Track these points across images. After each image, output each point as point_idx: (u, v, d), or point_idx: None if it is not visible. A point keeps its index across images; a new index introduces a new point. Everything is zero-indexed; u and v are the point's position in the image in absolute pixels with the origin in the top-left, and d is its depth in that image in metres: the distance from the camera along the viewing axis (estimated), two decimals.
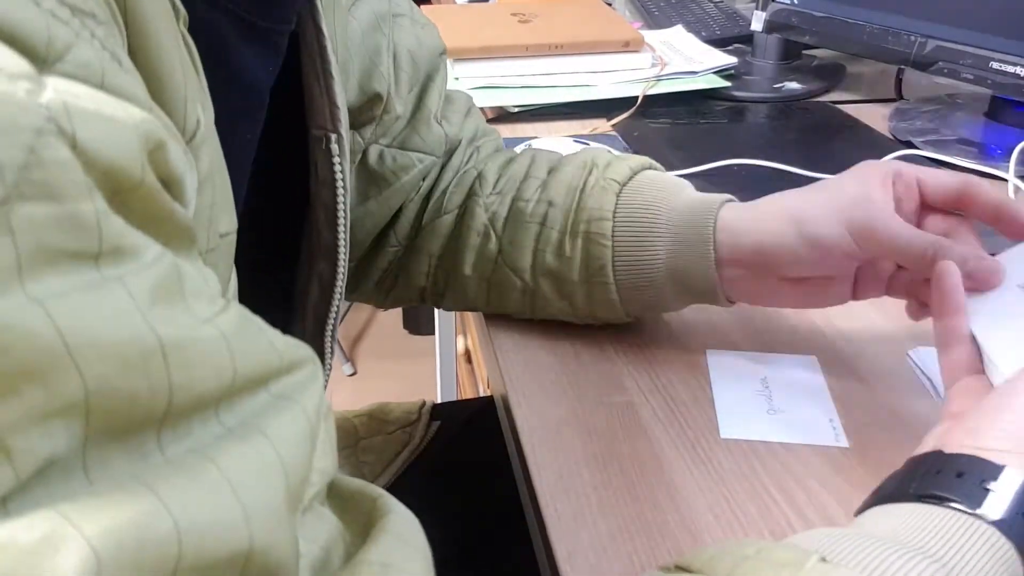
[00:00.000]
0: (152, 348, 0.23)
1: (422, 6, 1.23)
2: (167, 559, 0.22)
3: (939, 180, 0.52)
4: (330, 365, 0.56)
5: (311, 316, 0.54)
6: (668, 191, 0.56)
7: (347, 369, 2.23)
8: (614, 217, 0.56)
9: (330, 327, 0.54)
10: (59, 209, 0.21)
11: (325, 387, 0.53)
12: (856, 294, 0.55)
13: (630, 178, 0.58)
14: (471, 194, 0.61)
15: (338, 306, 0.53)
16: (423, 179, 0.62)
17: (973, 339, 0.44)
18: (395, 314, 2.37)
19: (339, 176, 0.49)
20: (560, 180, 0.58)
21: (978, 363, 0.43)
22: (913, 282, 0.53)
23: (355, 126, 0.57)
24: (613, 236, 0.55)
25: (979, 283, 0.47)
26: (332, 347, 0.55)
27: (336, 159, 0.48)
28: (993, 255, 0.48)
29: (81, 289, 0.22)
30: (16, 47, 0.21)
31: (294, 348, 0.30)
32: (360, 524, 0.31)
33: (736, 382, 0.56)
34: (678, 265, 0.55)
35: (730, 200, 0.56)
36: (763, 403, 0.54)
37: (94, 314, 0.22)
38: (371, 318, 2.43)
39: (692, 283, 0.55)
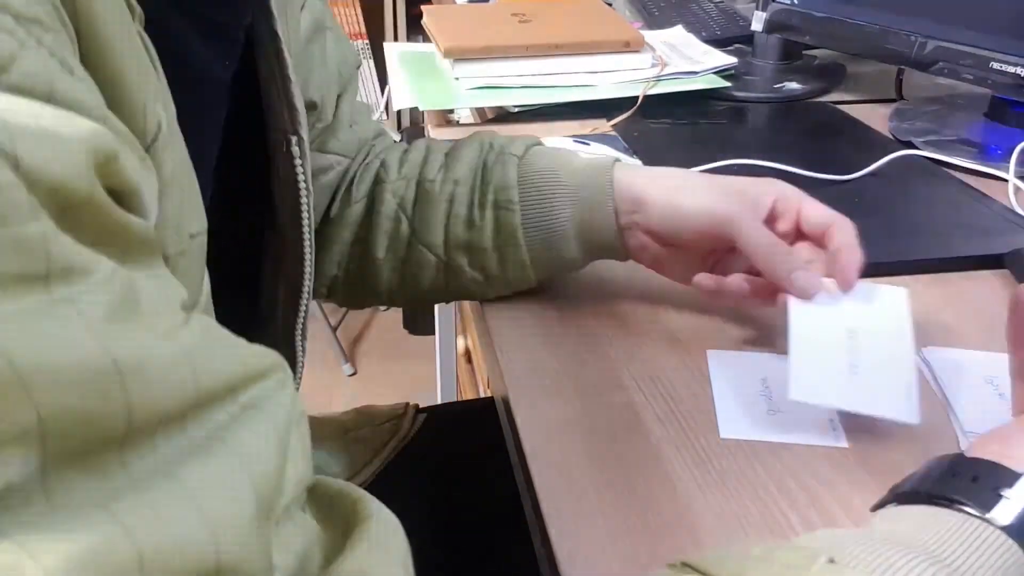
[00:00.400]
0: (106, 369, 0.22)
1: (423, 6, 1.23)
2: None
3: (815, 211, 0.57)
4: (303, 365, 0.57)
5: (280, 318, 0.55)
6: (563, 157, 0.61)
7: (347, 369, 2.23)
8: (518, 184, 0.60)
9: (299, 328, 0.55)
10: (3, 232, 0.21)
11: (297, 389, 0.54)
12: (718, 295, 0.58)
13: (526, 151, 0.62)
14: (377, 181, 0.64)
15: (306, 306, 0.54)
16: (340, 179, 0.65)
17: None
18: (395, 314, 2.38)
19: (300, 176, 0.49)
20: (461, 160, 0.62)
21: None
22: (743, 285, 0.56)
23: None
24: (520, 202, 0.59)
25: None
26: (304, 347, 0.56)
27: (297, 160, 0.49)
28: None
29: (30, 312, 0.21)
30: None
31: (261, 356, 0.29)
32: (341, 527, 0.31)
33: (736, 382, 0.56)
34: (582, 218, 0.59)
35: (618, 159, 0.61)
36: (763, 403, 0.54)
37: (44, 338, 0.21)
38: (371, 318, 2.43)
39: (596, 234, 0.59)
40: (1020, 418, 0.39)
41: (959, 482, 0.36)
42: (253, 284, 0.55)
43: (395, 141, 0.71)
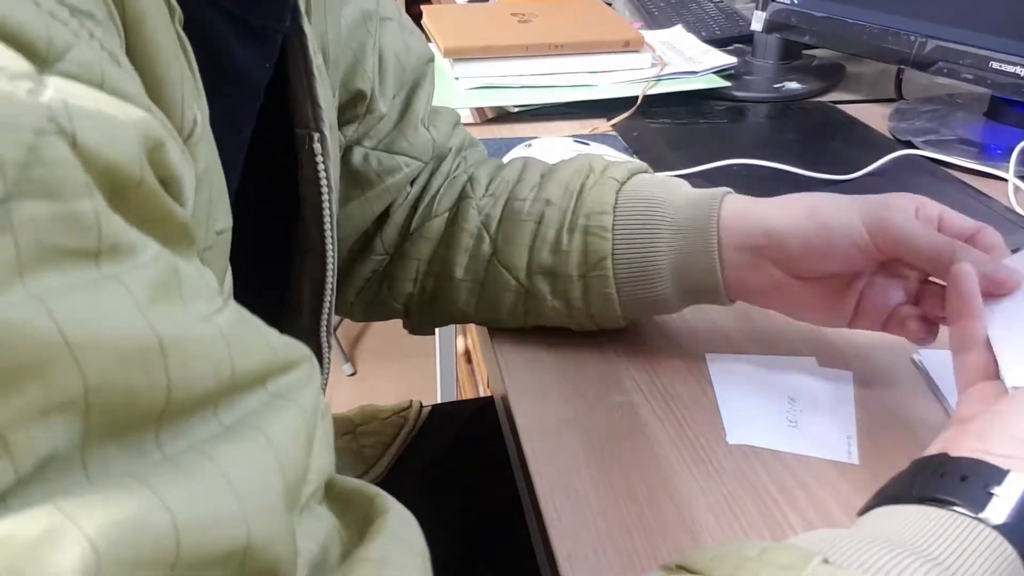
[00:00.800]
0: (150, 345, 0.23)
1: (423, 6, 1.23)
2: (165, 555, 0.22)
3: (957, 217, 0.51)
4: (328, 360, 0.56)
5: (306, 313, 0.54)
6: (667, 187, 0.57)
7: (347, 369, 2.23)
8: (614, 211, 0.55)
9: (324, 323, 0.54)
10: (59, 207, 0.21)
11: (325, 385, 0.54)
12: (855, 320, 0.54)
13: (628, 178, 0.58)
14: (463, 196, 0.61)
15: (331, 302, 0.53)
16: (411, 184, 0.62)
17: (988, 344, 0.44)
18: None
19: (322, 174, 0.49)
20: (557, 180, 0.59)
21: (992, 368, 0.43)
22: (911, 318, 0.52)
23: (339, 124, 0.58)
24: (613, 229, 0.55)
25: (996, 286, 0.46)
26: (329, 343, 0.55)
27: (319, 158, 0.48)
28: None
29: (81, 287, 0.22)
30: (17, 47, 0.21)
31: (291, 347, 0.30)
32: (358, 523, 0.31)
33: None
34: (680, 258, 0.54)
35: (729, 192, 0.55)
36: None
37: (93, 311, 0.22)
38: None
39: (694, 277, 0.54)
40: (990, 411, 0.39)
41: (948, 482, 0.36)
42: (283, 279, 0.55)
43: (486, 153, 0.68)
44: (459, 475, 0.76)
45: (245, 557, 0.24)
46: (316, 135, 0.48)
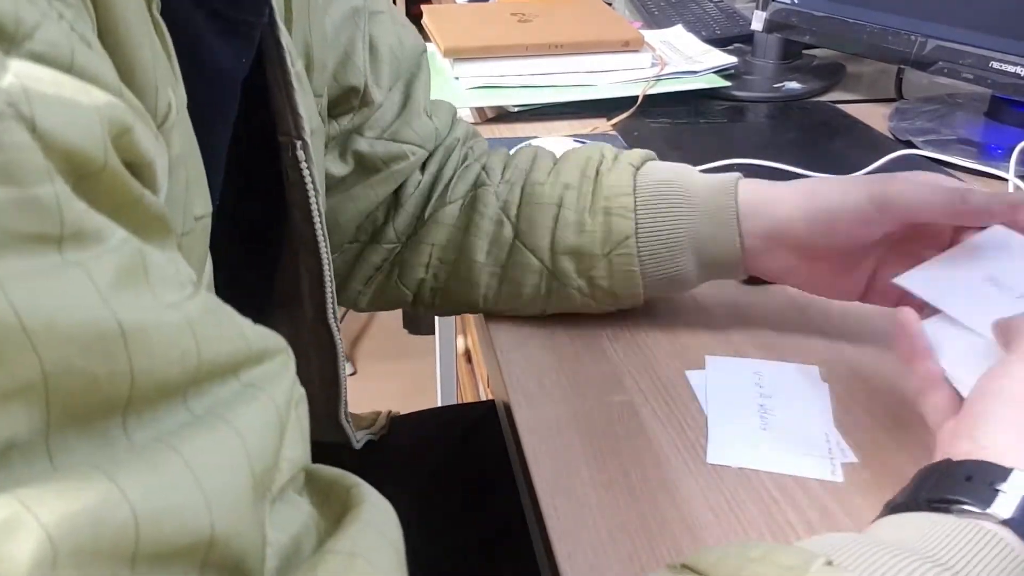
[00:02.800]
0: (112, 332, 0.23)
1: (423, 6, 1.23)
2: (124, 546, 0.22)
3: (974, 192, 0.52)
4: (340, 341, 0.57)
5: (309, 305, 0.55)
6: (680, 172, 0.59)
7: (347, 369, 2.23)
8: (634, 192, 0.58)
9: (331, 312, 0.55)
10: (18, 192, 0.21)
11: (340, 372, 0.56)
12: (868, 295, 0.56)
13: (642, 163, 0.60)
14: (479, 184, 0.62)
15: (332, 292, 0.55)
16: (422, 172, 0.63)
17: (947, 381, 0.44)
18: (395, 314, 2.37)
19: (307, 178, 0.50)
20: (573, 165, 0.61)
21: (958, 401, 0.43)
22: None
23: (332, 116, 0.59)
24: (636, 210, 0.57)
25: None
26: (338, 329, 0.56)
27: (303, 164, 0.50)
28: None
29: (41, 272, 0.22)
30: None
31: (266, 338, 0.30)
32: (336, 513, 0.31)
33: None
34: (701, 236, 0.57)
35: (741, 177, 0.58)
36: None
37: (52, 297, 0.22)
38: (371, 318, 2.43)
39: (715, 254, 0.57)
40: (974, 415, 0.40)
41: (954, 483, 0.37)
42: (270, 269, 0.56)
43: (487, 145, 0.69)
44: (459, 475, 0.76)
45: (209, 549, 0.24)
46: (299, 143, 0.49)
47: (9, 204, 0.21)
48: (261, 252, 0.56)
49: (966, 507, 0.35)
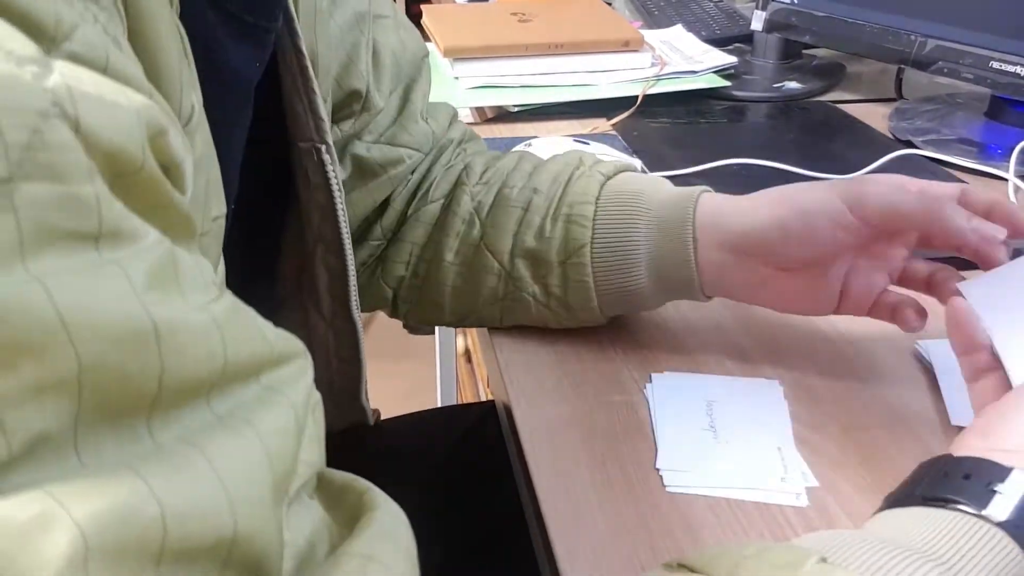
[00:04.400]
0: (146, 330, 0.23)
1: (423, 6, 1.23)
2: (152, 543, 0.22)
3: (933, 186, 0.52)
4: (361, 332, 0.59)
5: (327, 300, 0.57)
6: (650, 184, 0.58)
7: None
8: (596, 202, 0.57)
9: (354, 305, 0.57)
10: (61, 190, 0.22)
11: (362, 361, 0.59)
12: (841, 306, 0.54)
13: (615, 173, 0.59)
14: (458, 183, 0.62)
15: (355, 286, 0.56)
16: (412, 173, 0.64)
17: (1000, 370, 0.44)
18: None
19: (333, 180, 0.51)
20: (547, 171, 0.60)
21: (1007, 386, 0.43)
22: (900, 304, 0.53)
23: (334, 120, 0.59)
24: (594, 219, 0.56)
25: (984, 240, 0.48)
26: (359, 321, 0.58)
27: (329, 167, 0.50)
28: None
29: (80, 269, 0.22)
30: (26, 29, 0.22)
31: (285, 341, 0.30)
32: (347, 517, 0.31)
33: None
34: (657, 252, 0.55)
35: (707, 190, 0.56)
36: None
37: (91, 294, 0.22)
38: (371, 318, 2.43)
39: (670, 271, 0.55)
40: (993, 408, 0.39)
41: (951, 481, 0.36)
42: (269, 270, 0.57)
43: (486, 146, 0.70)
44: (459, 475, 0.76)
45: (231, 548, 0.25)
46: (323, 147, 0.50)
47: (52, 201, 0.22)
48: (262, 253, 0.56)
49: (961, 507, 0.35)
